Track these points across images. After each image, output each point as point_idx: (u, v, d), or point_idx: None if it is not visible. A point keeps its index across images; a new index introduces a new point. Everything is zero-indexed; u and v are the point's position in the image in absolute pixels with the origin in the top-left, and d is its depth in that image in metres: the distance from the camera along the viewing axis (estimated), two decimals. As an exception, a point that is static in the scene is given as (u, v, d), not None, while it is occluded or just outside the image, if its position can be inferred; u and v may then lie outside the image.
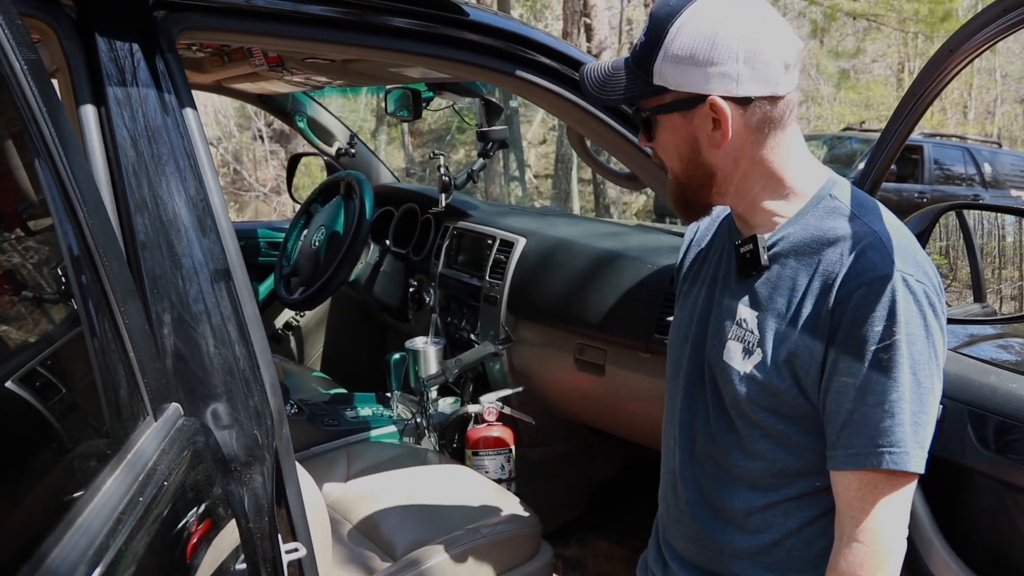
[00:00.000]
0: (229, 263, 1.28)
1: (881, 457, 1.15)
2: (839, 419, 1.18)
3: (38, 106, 0.91)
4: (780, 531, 1.30)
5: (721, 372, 1.30)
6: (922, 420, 1.16)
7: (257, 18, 1.42)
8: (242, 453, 1.25)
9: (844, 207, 1.24)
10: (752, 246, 1.26)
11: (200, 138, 1.31)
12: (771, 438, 1.27)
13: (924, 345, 1.16)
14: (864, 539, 1.18)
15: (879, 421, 1.15)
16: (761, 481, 1.30)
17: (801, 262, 1.23)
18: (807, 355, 1.20)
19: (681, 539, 1.42)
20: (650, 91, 1.23)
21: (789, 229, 1.26)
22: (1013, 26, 1.30)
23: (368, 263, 3.07)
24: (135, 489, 0.88)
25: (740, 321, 1.28)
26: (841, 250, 1.19)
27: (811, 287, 1.21)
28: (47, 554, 0.70)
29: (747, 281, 1.29)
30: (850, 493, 1.19)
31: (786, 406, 1.24)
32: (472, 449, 2.47)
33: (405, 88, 2.81)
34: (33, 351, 0.86)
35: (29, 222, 0.95)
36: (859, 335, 1.16)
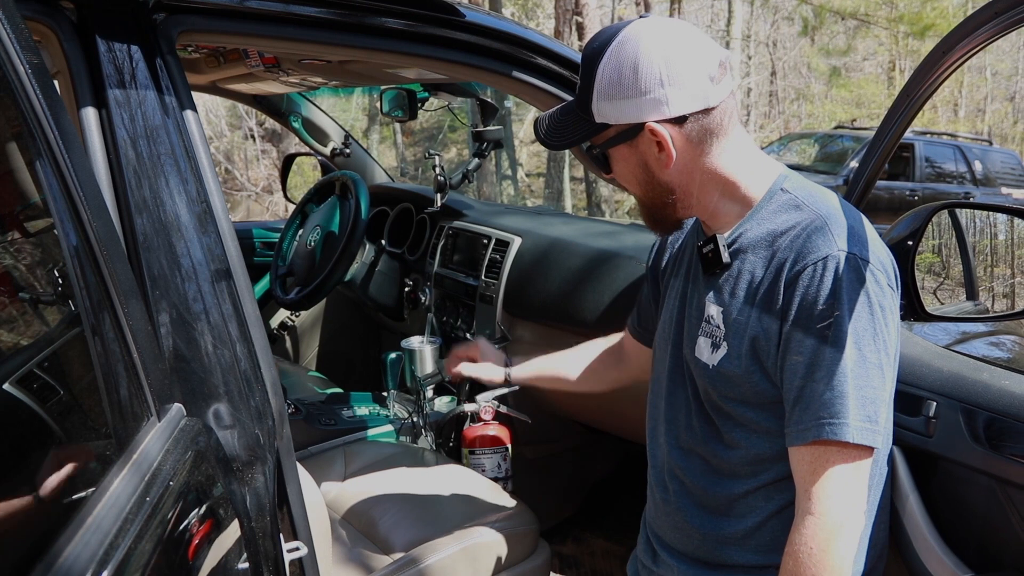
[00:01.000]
0: (230, 263, 1.29)
1: (823, 428, 1.21)
2: (791, 396, 1.26)
3: (42, 108, 0.91)
4: (762, 514, 1.37)
5: (695, 367, 1.39)
6: (868, 394, 1.21)
7: (256, 20, 1.42)
8: (244, 453, 1.26)
9: (794, 198, 1.31)
10: (713, 246, 1.34)
11: (200, 139, 1.32)
12: (744, 427, 1.35)
13: (868, 321, 1.21)
14: (816, 511, 1.22)
15: (823, 394, 1.21)
16: (740, 469, 1.37)
17: (758, 255, 1.31)
18: (765, 339, 1.28)
19: (669, 529, 1.48)
20: (594, 129, 1.32)
21: (746, 226, 1.34)
22: (1004, 29, 1.32)
23: (364, 263, 3.08)
24: (142, 489, 0.89)
25: (708, 318, 1.36)
26: (791, 237, 1.27)
27: (766, 275, 1.29)
28: (60, 552, 0.71)
29: (712, 279, 1.37)
30: (803, 468, 1.25)
31: (753, 394, 1.32)
32: (469, 448, 2.47)
33: (400, 88, 2.82)
34: (41, 352, 0.86)
35: (34, 223, 0.95)
36: (806, 314, 1.23)
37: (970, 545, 1.46)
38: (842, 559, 1.22)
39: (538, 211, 3.93)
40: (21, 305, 0.88)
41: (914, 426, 1.49)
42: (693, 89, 1.25)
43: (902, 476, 1.51)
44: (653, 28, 1.26)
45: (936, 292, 2.20)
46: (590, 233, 2.69)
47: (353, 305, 3.67)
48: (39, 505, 0.77)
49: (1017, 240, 2.21)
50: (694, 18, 20.79)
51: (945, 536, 1.48)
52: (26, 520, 0.74)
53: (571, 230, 2.74)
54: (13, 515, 0.73)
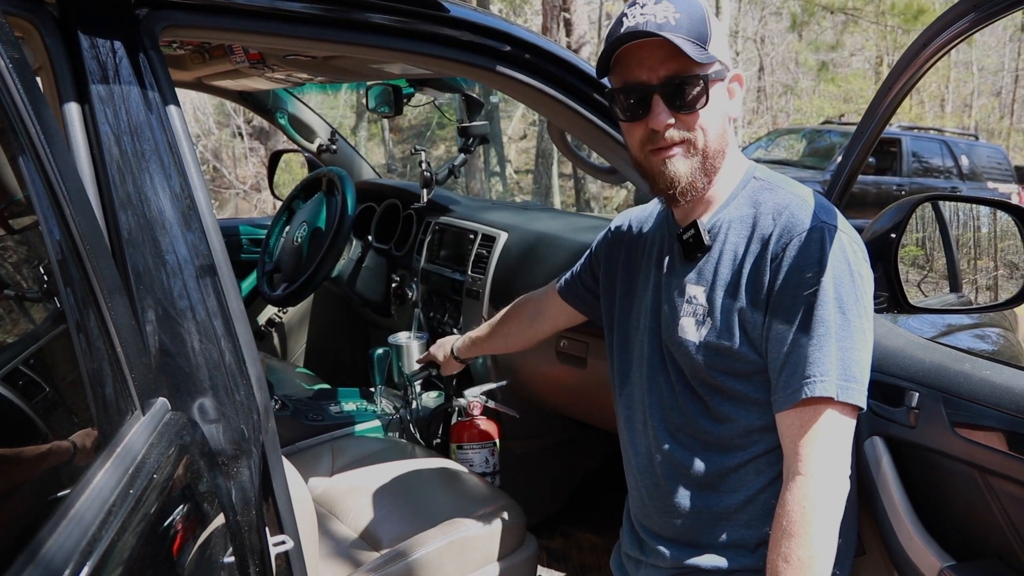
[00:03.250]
0: (214, 259, 1.29)
1: (812, 385, 1.26)
2: (777, 363, 1.31)
3: (24, 104, 0.91)
4: (753, 487, 1.41)
5: (678, 348, 1.42)
6: (852, 355, 1.27)
7: (239, 16, 1.42)
8: (229, 447, 1.26)
9: (768, 183, 1.41)
10: (694, 231, 1.40)
11: (184, 134, 1.31)
12: (733, 400, 1.39)
13: (850, 286, 1.28)
14: (805, 471, 1.27)
15: (808, 356, 1.27)
16: (730, 442, 1.41)
17: (739, 235, 1.37)
18: (752, 311, 1.33)
19: (658, 516, 1.50)
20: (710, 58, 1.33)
21: (724, 210, 1.41)
22: (982, 21, 1.33)
23: (350, 259, 3.08)
24: (125, 482, 0.89)
25: (690, 298, 1.40)
26: (772, 214, 1.35)
27: (749, 250, 1.35)
28: (43, 544, 0.71)
29: (693, 263, 1.42)
30: (792, 430, 1.29)
31: (740, 364, 1.36)
32: (457, 443, 2.48)
33: (386, 84, 2.82)
34: (24, 347, 0.87)
35: (16, 219, 0.95)
36: (792, 283, 1.29)
37: (952, 533, 1.48)
38: (833, 516, 1.27)
39: (524, 206, 3.94)
40: (5, 301, 0.88)
41: (897, 416, 1.50)
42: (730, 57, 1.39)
43: (885, 466, 1.52)
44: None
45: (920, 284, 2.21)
46: (576, 228, 2.70)
47: (340, 301, 3.67)
48: (21, 497, 0.77)
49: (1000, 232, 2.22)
50: (682, 14, 20.73)
51: (927, 525, 1.49)
52: (8, 512, 0.74)
53: (557, 225, 2.75)
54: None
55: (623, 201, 14.45)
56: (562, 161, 13.67)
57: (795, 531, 1.26)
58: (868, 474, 1.54)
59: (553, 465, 3.10)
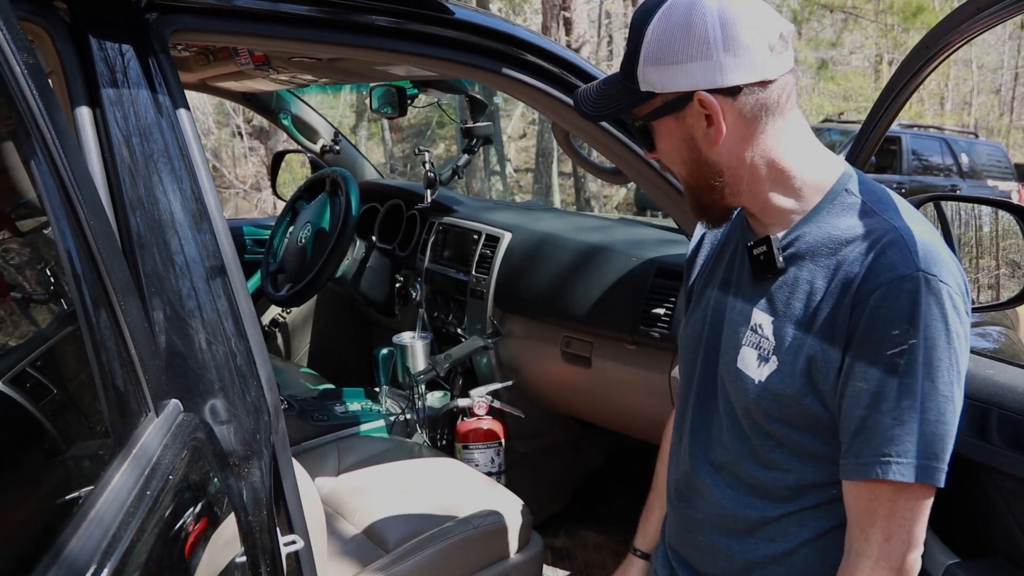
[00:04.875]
0: (224, 260, 1.30)
1: (888, 467, 1.09)
2: (852, 425, 1.12)
3: (39, 108, 0.92)
4: (795, 540, 1.24)
5: (734, 380, 1.24)
6: (939, 430, 1.09)
7: (248, 19, 1.43)
8: (240, 448, 1.27)
9: (861, 203, 1.17)
10: (766, 247, 1.20)
11: (194, 137, 1.32)
12: (786, 448, 1.21)
13: (944, 350, 1.08)
14: (872, 554, 1.12)
15: (888, 429, 1.09)
16: (777, 492, 1.24)
17: (818, 263, 1.16)
18: (825, 361, 1.14)
19: (690, 548, 1.38)
20: (639, 99, 1.18)
21: (804, 228, 1.19)
22: (987, 23, 1.34)
23: (354, 259, 3.08)
24: (142, 483, 0.90)
25: (755, 327, 1.22)
26: (860, 249, 1.12)
27: (829, 289, 1.14)
28: (65, 544, 0.72)
29: (762, 284, 1.22)
30: (859, 503, 1.14)
31: (802, 416, 1.18)
32: (462, 443, 2.49)
33: (389, 85, 2.82)
34: (41, 349, 0.87)
35: (32, 222, 0.96)
36: (876, 338, 1.09)
37: (957, 531, 1.49)
38: None
39: (527, 206, 3.95)
40: (23, 304, 0.89)
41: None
42: (750, 58, 1.11)
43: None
44: None
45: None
46: (580, 228, 2.71)
47: (344, 301, 3.68)
48: (43, 499, 0.78)
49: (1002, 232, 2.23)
50: (681, 13, 20.76)
51: (933, 522, 1.49)
52: (31, 514, 0.75)
53: (561, 225, 2.76)
54: (19, 509, 0.74)
55: (623, 200, 14.46)
56: (562, 160, 13.68)
57: None
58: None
59: (558, 464, 3.12)
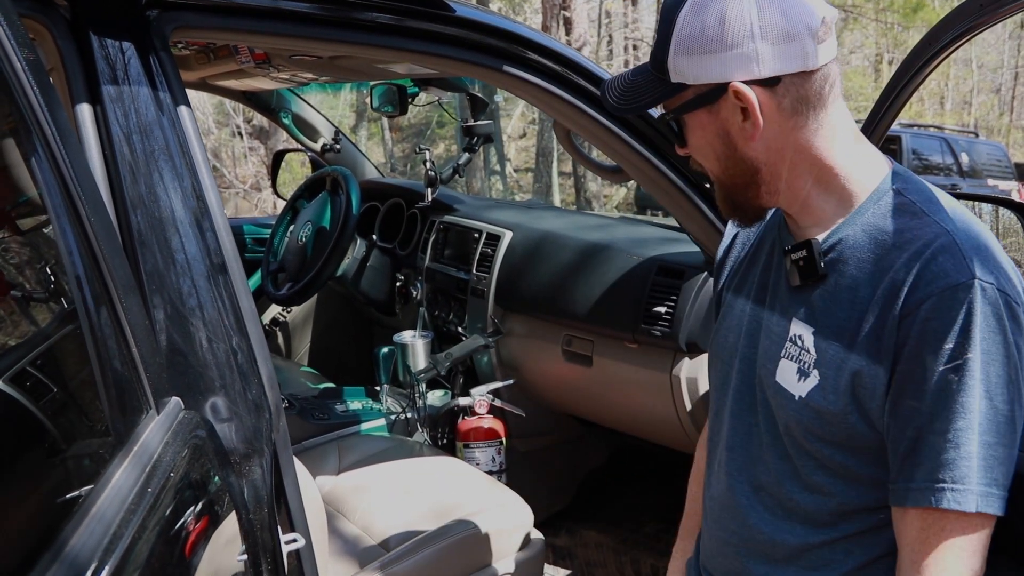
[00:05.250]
0: (225, 258, 1.30)
1: (941, 494, 1.01)
2: (902, 447, 1.05)
3: (40, 105, 0.92)
4: (839, 569, 1.16)
5: (774, 394, 1.16)
6: (997, 453, 1.01)
7: (248, 16, 1.42)
8: (241, 446, 1.27)
9: (911, 203, 1.09)
10: (806, 252, 1.12)
11: (195, 134, 1.32)
12: (829, 470, 1.13)
13: (1002, 366, 1.00)
14: None
15: (943, 452, 1.01)
16: (820, 517, 1.16)
17: (862, 270, 1.08)
18: (871, 377, 1.06)
19: (724, 572, 1.29)
20: (670, 91, 1.11)
21: (847, 231, 1.11)
22: (988, 21, 1.34)
23: (355, 258, 3.08)
24: (143, 481, 0.90)
25: (794, 338, 1.14)
26: (908, 255, 1.04)
27: (875, 298, 1.06)
28: (67, 542, 0.72)
29: (801, 292, 1.14)
30: (911, 532, 1.05)
31: (846, 435, 1.10)
32: (463, 441, 2.49)
33: (390, 84, 2.83)
34: (42, 347, 0.87)
35: (34, 220, 0.96)
36: (927, 353, 1.01)
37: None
38: None
39: (528, 205, 3.95)
40: (25, 302, 0.89)
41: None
42: (790, 46, 1.04)
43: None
44: None
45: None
46: (581, 226, 2.71)
47: (344, 300, 3.68)
48: (46, 496, 0.78)
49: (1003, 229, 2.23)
50: (681, 12, 20.78)
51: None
52: (33, 511, 0.75)
53: (562, 223, 2.76)
54: (21, 506, 0.74)
55: (623, 199, 14.47)
56: (562, 159, 13.68)
57: None
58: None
59: (559, 463, 3.12)
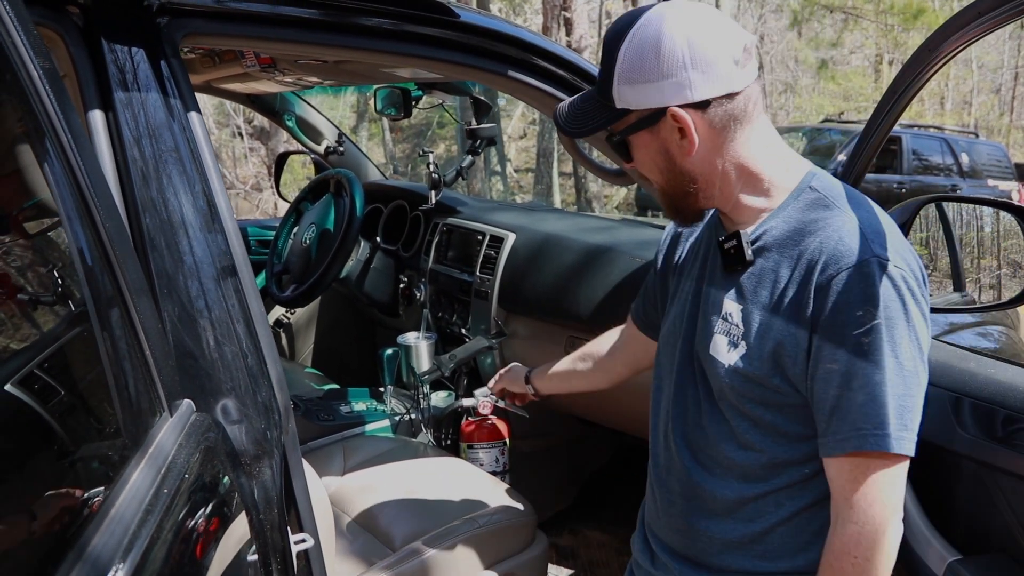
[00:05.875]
0: (235, 261, 1.31)
1: (865, 439, 1.18)
2: (827, 406, 1.21)
3: (56, 112, 0.94)
4: (771, 519, 1.33)
5: (709, 366, 1.33)
6: (907, 403, 1.18)
7: (257, 23, 1.44)
8: (252, 447, 1.28)
9: (824, 198, 1.27)
10: (736, 242, 1.30)
11: (204, 139, 1.34)
12: (761, 429, 1.30)
13: (904, 329, 1.18)
14: (858, 519, 1.20)
15: (863, 405, 1.18)
16: (752, 472, 1.32)
17: (783, 254, 1.26)
18: (792, 344, 1.23)
19: (670, 531, 1.44)
20: (615, 115, 1.28)
21: (771, 223, 1.29)
22: (987, 28, 1.36)
23: (358, 260, 3.10)
24: (159, 482, 0.91)
25: (726, 315, 1.31)
26: (821, 239, 1.22)
27: (793, 276, 1.23)
28: (89, 541, 0.74)
29: (732, 276, 1.32)
30: (843, 477, 1.22)
31: (773, 396, 1.27)
32: (467, 442, 2.50)
33: (394, 87, 2.84)
34: (60, 350, 0.89)
35: (49, 223, 0.98)
36: (840, 320, 1.18)
37: (958, 528, 1.50)
38: (885, 566, 1.21)
39: (531, 207, 3.96)
40: (44, 305, 0.90)
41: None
42: (717, 73, 1.21)
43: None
44: (676, 10, 1.23)
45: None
46: (583, 228, 2.73)
47: (348, 302, 3.70)
48: (66, 497, 0.79)
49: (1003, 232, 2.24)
50: (682, 13, 20.79)
51: (934, 520, 1.51)
52: (55, 511, 0.77)
53: (565, 225, 2.78)
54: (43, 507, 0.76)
55: (623, 200, 14.48)
56: (562, 160, 13.69)
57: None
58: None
59: (561, 464, 3.13)
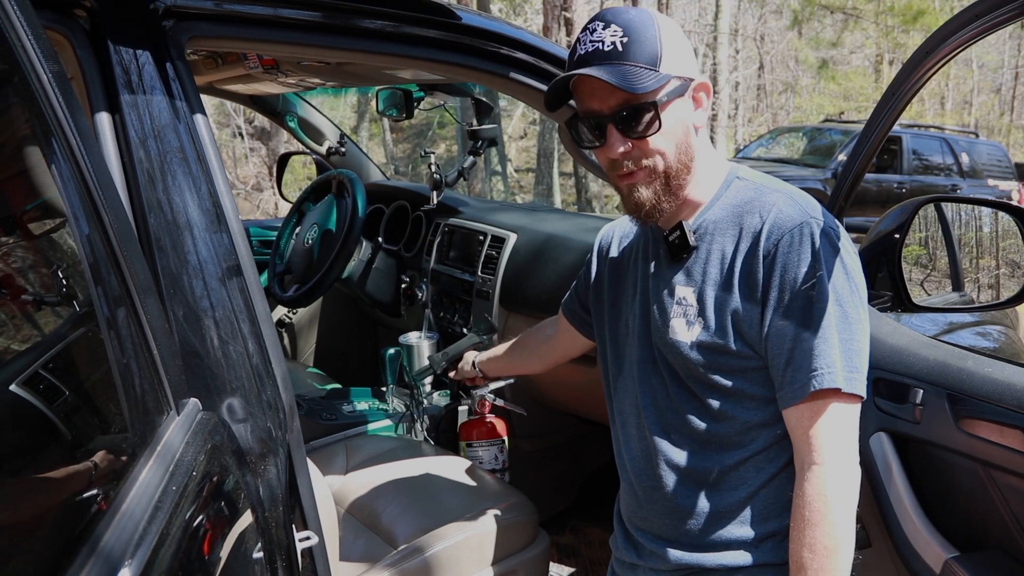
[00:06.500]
0: (240, 261, 1.33)
1: (821, 377, 1.28)
2: (781, 360, 1.32)
3: (64, 114, 0.95)
4: (754, 484, 1.41)
5: (670, 349, 1.42)
6: (853, 347, 1.30)
7: (262, 26, 1.45)
8: (257, 445, 1.30)
9: (752, 184, 1.42)
10: (679, 232, 1.41)
11: (210, 141, 1.35)
12: (731, 397, 1.39)
13: (844, 279, 1.31)
14: (821, 459, 1.29)
15: (813, 350, 1.29)
16: (728, 440, 1.41)
17: (725, 235, 1.38)
18: (747, 310, 1.34)
19: (657, 517, 1.49)
20: (662, 78, 1.32)
21: (709, 211, 1.42)
22: (984, 30, 1.37)
23: (360, 260, 3.11)
24: (167, 480, 0.93)
25: (679, 299, 1.41)
26: (759, 212, 1.35)
27: (738, 250, 1.36)
28: (101, 537, 0.76)
29: (678, 264, 1.43)
30: (803, 423, 1.31)
31: (735, 361, 1.37)
32: (466, 441, 2.51)
33: (395, 88, 2.85)
34: (71, 349, 0.90)
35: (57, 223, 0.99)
36: (789, 280, 1.30)
37: (956, 526, 1.52)
38: (852, 502, 1.29)
39: (532, 207, 3.98)
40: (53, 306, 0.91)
41: (901, 413, 1.54)
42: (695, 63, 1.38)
43: (890, 461, 1.56)
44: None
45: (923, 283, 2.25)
46: (585, 228, 2.74)
47: (350, 302, 3.71)
48: (78, 493, 0.81)
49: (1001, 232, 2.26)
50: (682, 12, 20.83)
51: (932, 518, 1.53)
52: (66, 508, 0.78)
53: (566, 226, 2.79)
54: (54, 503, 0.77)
55: (624, 200, 14.47)
56: (563, 160, 13.70)
57: (817, 520, 1.28)
58: (874, 469, 1.58)
59: (561, 462, 3.14)
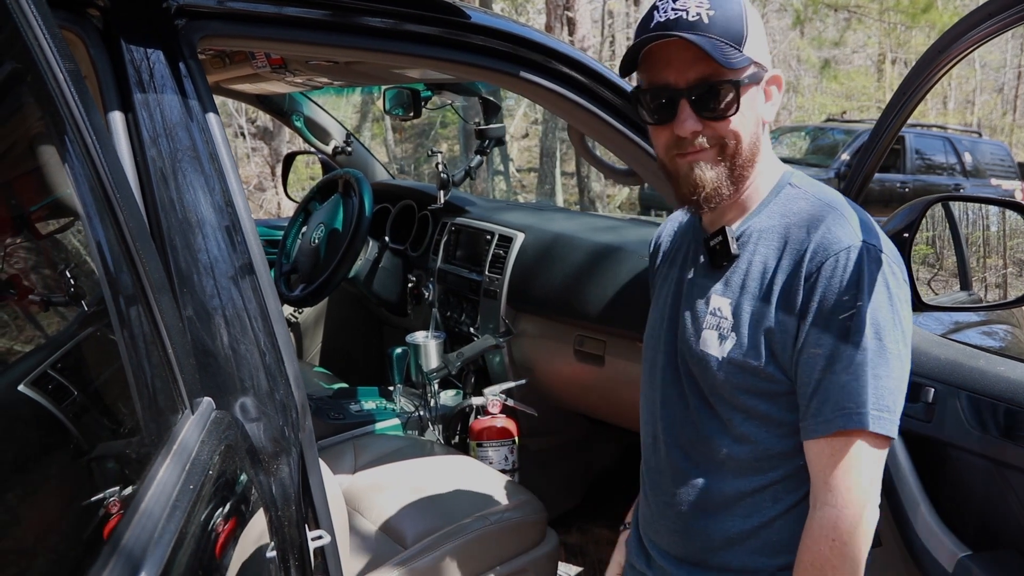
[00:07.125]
0: (252, 260, 1.33)
1: (848, 418, 1.19)
2: (809, 389, 1.23)
3: (79, 113, 0.95)
4: (769, 514, 1.33)
5: (698, 362, 1.33)
6: (888, 384, 1.20)
7: (274, 25, 1.45)
8: (270, 445, 1.30)
9: (804, 192, 1.32)
10: (721, 238, 1.32)
11: (222, 140, 1.35)
12: (755, 420, 1.30)
13: (888, 311, 1.20)
14: (835, 502, 1.21)
15: (845, 385, 1.19)
16: (748, 465, 1.32)
17: (769, 246, 1.29)
18: (781, 331, 1.24)
19: (667, 533, 1.43)
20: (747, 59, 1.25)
21: (755, 219, 1.33)
22: (997, 29, 1.37)
23: (367, 259, 3.11)
24: (184, 478, 0.93)
25: (714, 310, 1.32)
26: (807, 229, 1.25)
27: (780, 266, 1.26)
28: (121, 536, 0.76)
29: (718, 272, 1.34)
30: (823, 459, 1.23)
31: (766, 385, 1.28)
32: (476, 441, 2.52)
33: (402, 87, 2.85)
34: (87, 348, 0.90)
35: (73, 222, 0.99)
36: (828, 306, 1.21)
37: (969, 525, 1.52)
38: (862, 550, 1.21)
39: (539, 207, 3.98)
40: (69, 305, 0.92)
41: (914, 412, 1.54)
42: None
43: (902, 460, 1.56)
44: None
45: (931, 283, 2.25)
46: (592, 228, 2.74)
47: (356, 301, 3.71)
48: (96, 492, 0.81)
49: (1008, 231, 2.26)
50: (684, 12, 20.72)
51: (944, 516, 1.53)
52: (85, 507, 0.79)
53: (573, 225, 2.79)
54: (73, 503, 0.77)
55: (625, 199, 14.48)
56: (565, 160, 13.70)
57: (823, 565, 1.21)
58: (886, 468, 1.58)
59: (570, 462, 3.14)
